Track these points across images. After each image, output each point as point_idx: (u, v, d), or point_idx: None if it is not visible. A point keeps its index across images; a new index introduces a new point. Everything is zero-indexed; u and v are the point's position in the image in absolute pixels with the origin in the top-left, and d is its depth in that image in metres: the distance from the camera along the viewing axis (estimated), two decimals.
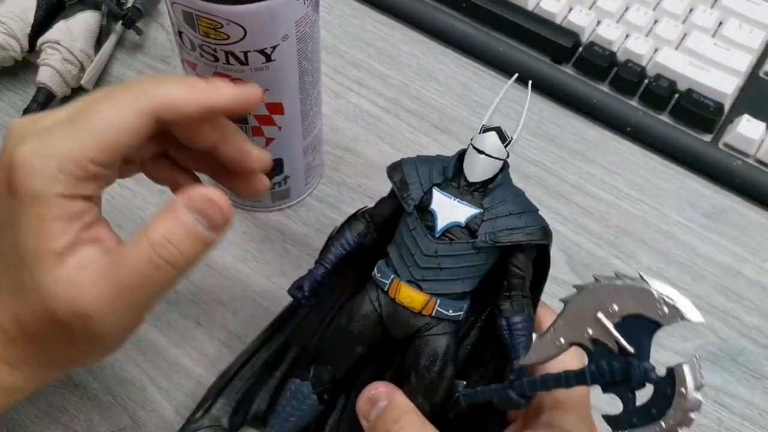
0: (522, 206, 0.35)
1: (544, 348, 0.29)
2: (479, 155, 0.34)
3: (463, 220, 0.34)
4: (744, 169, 0.52)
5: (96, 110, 0.29)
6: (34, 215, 0.29)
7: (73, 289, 0.29)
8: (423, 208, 0.34)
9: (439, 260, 0.34)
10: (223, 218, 0.29)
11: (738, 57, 0.54)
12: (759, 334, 0.47)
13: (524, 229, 0.34)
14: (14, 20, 0.51)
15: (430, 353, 0.34)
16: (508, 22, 0.57)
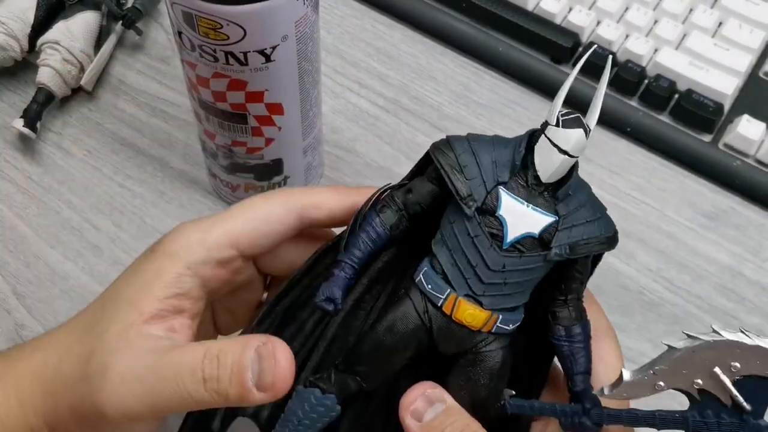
0: (596, 209, 0.31)
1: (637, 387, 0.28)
2: (560, 155, 0.29)
3: (538, 231, 0.29)
4: (744, 169, 0.52)
5: (249, 202, 0.32)
6: (152, 270, 0.30)
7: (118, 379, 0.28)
8: (486, 211, 0.29)
9: (505, 275, 0.29)
10: (272, 382, 0.27)
11: (738, 57, 0.54)
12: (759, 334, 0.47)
13: (600, 237, 0.30)
14: (14, 20, 0.51)
15: (487, 369, 0.30)
16: (508, 22, 0.56)
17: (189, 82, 0.42)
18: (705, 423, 0.27)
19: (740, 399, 0.26)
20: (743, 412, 0.26)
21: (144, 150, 0.52)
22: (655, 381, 0.28)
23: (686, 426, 0.27)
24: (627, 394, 0.28)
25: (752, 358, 0.26)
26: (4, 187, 0.50)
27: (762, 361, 0.26)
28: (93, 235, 0.49)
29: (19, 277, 0.47)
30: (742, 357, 0.26)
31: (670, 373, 0.28)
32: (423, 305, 0.29)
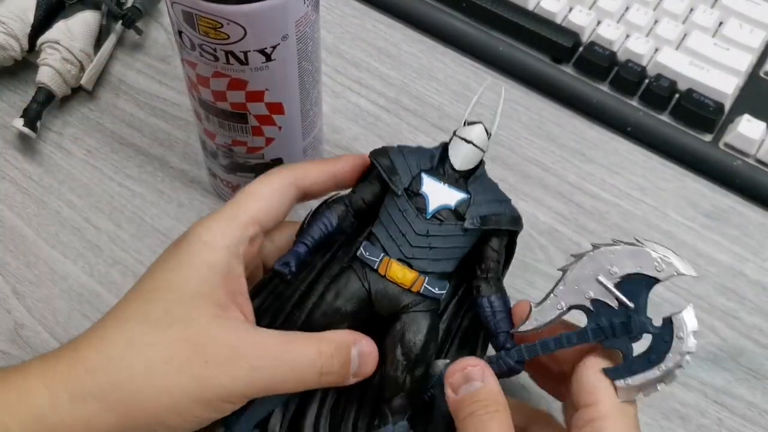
0: (502, 195, 0.38)
1: (544, 313, 0.32)
2: (467, 144, 0.37)
3: (453, 203, 0.36)
4: (744, 169, 0.52)
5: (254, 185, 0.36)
6: (203, 262, 0.33)
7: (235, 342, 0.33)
8: (412, 192, 0.36)
9: (429, 240, 0.36)
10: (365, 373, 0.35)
11: (738, 57, 0.54)
12: (759, 334, 0.47)
13: (506, 216, 0.37)
14: (14, 20, 0.51)
15: (417, 328, 0.36)
16: (508, 22, 0.56)
17: (189, 82, 0.42)
18: (601, 329, 0.31)
19: (623, 298, 0.31)
20: (629, 309, 0.31)
21: (144, 149, 0.52)
22: (557, 302, 0.32)
23: (587, 337, 0.31)
24: (537, 321, 0.33)
25: (624, 259, 0.31)
26: (4, 187, 0.50)
27: (632, 260, 0.31)
28: (93, 234, 0.49)
29: (19, 277, 0.47)
30: (617, 261, 0.31)
31: (566, 292, 0.32)
32: (363, 272, 0.36)
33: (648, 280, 0.31)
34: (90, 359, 0.32)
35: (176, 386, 0.31)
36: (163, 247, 0.48)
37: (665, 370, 0.30)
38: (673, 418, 0.44)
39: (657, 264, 0.30)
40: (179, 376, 0.31)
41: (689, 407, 0.44)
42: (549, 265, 0.48)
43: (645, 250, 0.31)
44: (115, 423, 0.31)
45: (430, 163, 0.37)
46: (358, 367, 0.34)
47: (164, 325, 0.32)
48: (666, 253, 0.31)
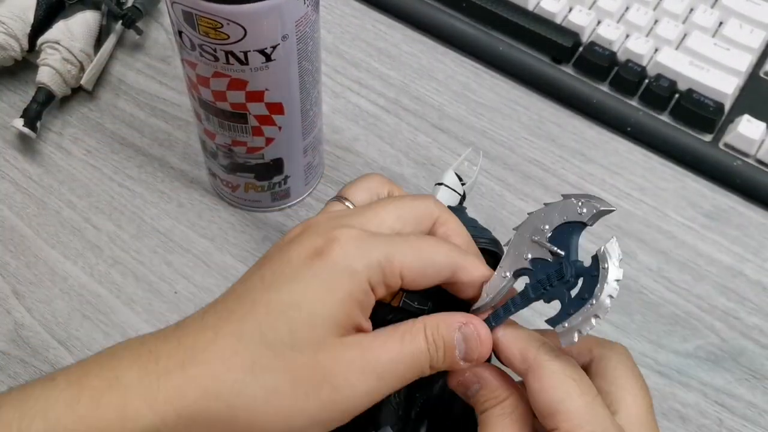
0: (478, 225, 0.40)
1: (494, 287, 0.33)
2: (440, 186, 0.41)
3: None
4: (744, 169, 0.52)
5: (422, 239, 0.34)
6: (344, 290, 0.31)
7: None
8: None
9: None
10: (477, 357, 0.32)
11: (738, 57, 0.54)
12: (760, 334, 0.47)
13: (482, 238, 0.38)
14: (14, 20, 0.51)
15: None
16: (508, 22, 0.56)
17: (189, 82, 0.42)
18: (539, 282, 0.32)
19: (553, 247, 0.32)
20: (560, 257, 0.31)
21: (144, 150, 0.52)
22: (502, 273, 0.33)
23: (528, 294, 0.32)
24: (487, 295, 0.33)
25: (552, 215, 0.32)
26: (4, 187, 0.50)
27: (559, 213, 0.32)
28: (93, 235, 0.49)
29: (19, 277, 0.47)
30: (546, 219, 0.32)
31: (508, 260, 0.33)
32: None
33: (575, 227, 0.32)
34: (204, 381, 0.29)
35: (300, 412, 0.30)
36: (163, 247, 0.48)
37: (596, 303, 0.30)
38: (673, 418, 0.44)
39: (578, 208, 0.31)
40: (305, 403, 0.30)
41: (689, 407, 0.44)
42: None
43: (568, 200, 0.32)
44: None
45: None
46: (467, 353, 0.32)
47: (289, 349, 0.30)
48: (587, 197, 0.32)
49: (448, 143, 0.53)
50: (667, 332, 0.47)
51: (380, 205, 0.34)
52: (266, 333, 0.30)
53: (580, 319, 0.30)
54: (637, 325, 0.47)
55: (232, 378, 0.29)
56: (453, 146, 0.53)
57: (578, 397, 0.30)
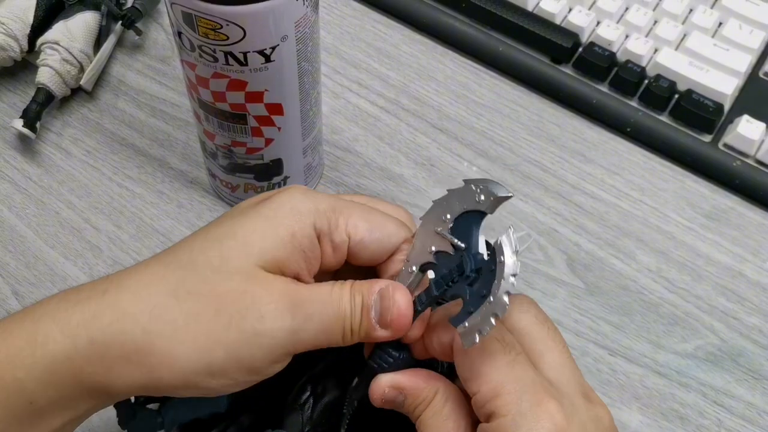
0: None
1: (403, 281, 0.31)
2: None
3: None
4: (744, 169, 0.52)
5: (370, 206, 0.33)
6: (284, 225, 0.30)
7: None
8: None
9: None
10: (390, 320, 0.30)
11: (738, 57, 0.54)
12: (759, 334, 0.47)
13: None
14: (13, 20, 0.51)
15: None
16: (508, 22, 0.56)
17: (188, 82, 0.42)
18: (442, 278, 0.30)
19: (455, 240, 0.30)
20: (460, 250, 0.30)
21: (143, 150, 0.52)
22: (409, 267, 0.31)
23: (432, 292, 0.30)
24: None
25: (453, 204, 0.30)
26: (4, 187, 0.50)
27: (459, 201, 0.30)
28: (93, 235, 0.49)
29: (19, 277, 0.47)
30: (448, 207, 0.30)
31: (414, 253, 0.31)
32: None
33: (475, 216, 0.30)
34: (121, 304, 0.28)
35: (220, 342, 0.28)
36: (162, 247, 0.48)
37: (494, 300, 0.28)
38: (672, 419, 0.44)
39: (477, 195, 0.29)
40: (226, 331, 0.28)
41: (689, 407, 0.44)
42: (549, 265, 0.48)
43: (467, 186, 0.30)
44: (139, 378, 0.28)
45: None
46: (381, 315, 0.30)
47: (219, 274, 0.29)
48: (484, 183, 0.30)
49: (448, 143, 0.53)
50: (666, 332, 0.47)
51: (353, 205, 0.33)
52: (196, 258, 0.29)
53: (479, 318, 0.28)
54: (636, 325, 0.47)
55: (153, 302, 0.28)
56: (453, 146, 0.53)
57: (500, 357, 0.29)
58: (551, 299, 0.47)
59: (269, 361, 0.29)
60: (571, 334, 0.46)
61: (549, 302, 0.47)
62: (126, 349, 0.28)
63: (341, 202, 0.32)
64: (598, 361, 0.45)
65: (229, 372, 0.29)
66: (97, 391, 0.28)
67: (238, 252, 0.29)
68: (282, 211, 0.30)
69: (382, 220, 0.32)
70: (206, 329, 0.28)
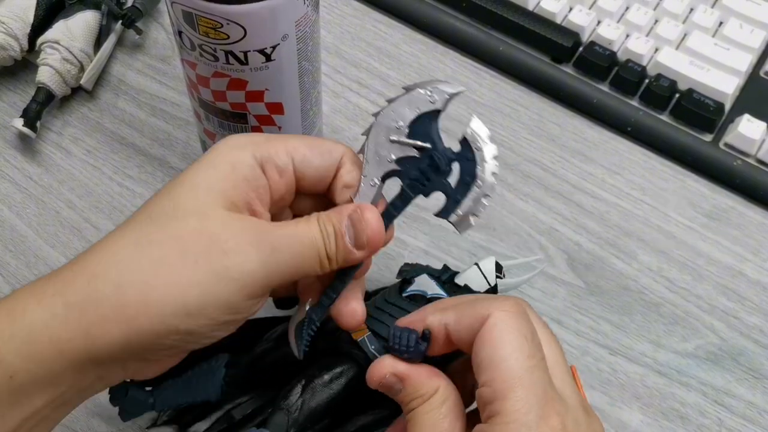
0: None
1: (365, 197, 0.32)
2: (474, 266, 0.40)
3: (429, 293, 0.38)
4: (744, 169, 0.52)
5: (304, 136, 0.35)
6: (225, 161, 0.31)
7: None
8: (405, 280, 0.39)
9: (392, 309, 0.37)
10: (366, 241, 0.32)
11: (738, 57, 0.54)
12: (760, 334, 0.47)
13: None
14: (14, 20, 0.51)
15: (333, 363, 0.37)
16: (508, 22, 0.56)
17: (189, 82, 0.42)
18: (415, 180, 0.32)
19: (418, 142, 0.32)
20: (428, 150, 0.32)
21: (144, 150, 0.52)
22: (369, 181, 0.32)
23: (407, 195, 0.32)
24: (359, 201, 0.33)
25: (403, 111, 0.32)
26: (4, 187, 0.50)
27: (409, 107, 0.31)
28: (93, 234, 0.49)
29: (20, 276, 0.47)
30: (398, 115, 0.32)
31: (372, 166, 0.32)
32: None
33: (430, 116, 0.31)
34: (90, 267, 0.29)
35: (191, 282, 0.28)
36: None
37: (483, 183, 0.30)
38: (673, 418, 0.44)
39: (429, 97, 0.31)
40: (195, 271, 0.28)
41: (689, 407, 0.44)
42: (549, 264, 0.48)
43: (414, 92, 0.31)
44: (119, 335, 0.28)
45: (438, 273, 0.40)
46: (356, 237, 0.32)
47: (173, 219, 0.29)
48: (432, 84, 0.31)
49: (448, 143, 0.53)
50: (667, 332, 0.47)
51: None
52: (151, 211, 0.30)
53: (470, 203, 0.31)
54: (637, 325, 0.47)
55: (119, 257, 0.29)
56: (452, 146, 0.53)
57: (523, 359, 0.28)
58: (552, 299, 0.47)
59: (244, 296, 0.29)
60: (572, 334, 0.46)
61: (549, 302, 0.47)
62: (101, 307, 0.28)
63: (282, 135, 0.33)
64: (599, 361, 0.45)
65: (207, 310, 0.29)
66: (79, 359, 0.28)
67: (187, 195, 0.30)
68: (220, 151, 0.31)
69: (319, 140, 0.34)
70: (175, 271, 0.28)
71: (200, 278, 0.28)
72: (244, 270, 0.29)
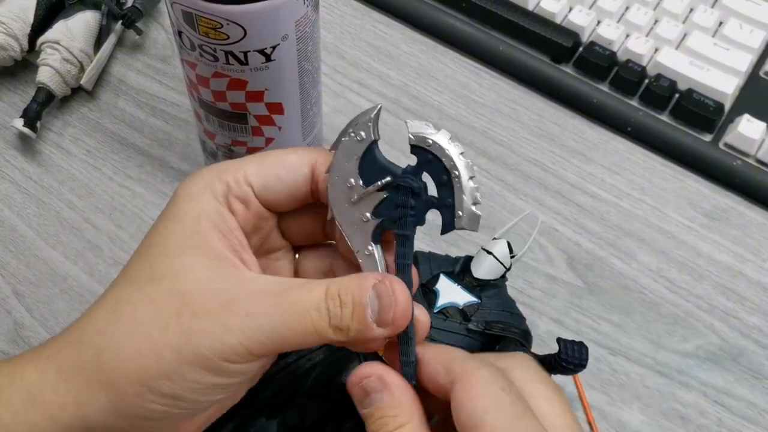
0: (516, 310, 0.40)
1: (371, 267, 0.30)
2: (488, 255, 0.40)
3: (462, 303, 0.38)
4: (744, 169, 0.52)
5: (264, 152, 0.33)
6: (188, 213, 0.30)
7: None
8: (427, 289, 0.38)
9: (432, 332, 0.35)
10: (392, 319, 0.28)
11: (738, 57, 0.54)
12: (760, 334, 0.47)
13: (515, 327, 0.38)
14: (14, 20, 0.51)
15: None
16: (508, 22, 0.56)
17: (189, 82, 0.42)
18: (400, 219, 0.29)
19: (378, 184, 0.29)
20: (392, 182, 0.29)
21: (144, 150, 0.52)
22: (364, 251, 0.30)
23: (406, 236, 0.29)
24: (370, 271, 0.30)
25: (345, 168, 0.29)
26: (4, 187, 0.50)
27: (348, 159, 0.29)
28: (93, 235, 0.49)
29: (19, 277, 0.47)
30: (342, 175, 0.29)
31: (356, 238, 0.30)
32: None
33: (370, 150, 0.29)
34: (76, 333, 0.29)
35: (164, 346, 0.27)
36: None
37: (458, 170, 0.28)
38: (673, 418, 0.44)
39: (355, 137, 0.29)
40: (166, 334, 0.27)
41: (689, 407, 0.44)
42: (549, 265, 0.48)
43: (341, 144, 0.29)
44: (105, 400, 0.28)
45: (452, 268, 0.39)
46: (379, 312, 0.28)
47: (149, 282, 0.29)
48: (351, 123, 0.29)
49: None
50: (667, 332, 0.47)
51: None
52: (130, 273, 0.30)
53: (463, 196, 0.28)
54: (637, 325, 0.47)
55: (98, 322, 0.29)
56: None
57: (507, 408, 0.27)
58: (551, 299, 0.47)
59: (220, 359, 0.28)
60: (572, 334, 0.46)
61: (549, 302, 0.47)
62: (87, 372, 0.28)
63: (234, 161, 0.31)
64: (599, 361, 0.45)
65: (185, 373, 0.28)
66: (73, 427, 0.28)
67: (159, 256, 0.29)
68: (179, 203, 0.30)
69: (281, 155, 0.31)
70: (149, 334, 0.28)
71: (172, 341, 0.28)
72: (214, 333, 0.27)
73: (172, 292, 0.28)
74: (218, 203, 0.30)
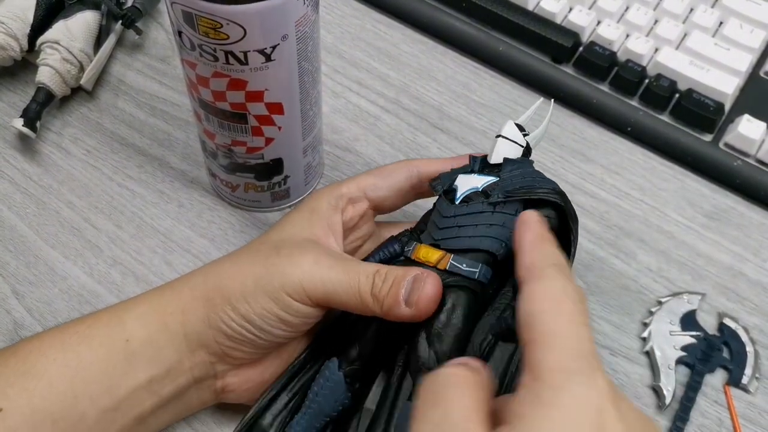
0: (541, 176, 0.37)
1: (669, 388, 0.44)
2: (498, 138, 0.39)
3: (481, 185, 0.37)
4: (744, 169, 0.52)
5: (380, 169, 0.42)
6: (306, 208, 0.41)
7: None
8: (448, 190, 0.38)
9: (456, 220, 0.36)
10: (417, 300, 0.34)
11: (738, 57, 0.54)
12: (760, 334, 0.47)
13: (540, 187, 0.36)
14: (14, 20, 0.51)
15: (450, 301, 0.35)
16: (508, 22, 0.56)
17: (189, 82, 0.42)
18: (701, 359, 0.44)
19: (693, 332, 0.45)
20: (699, 337, 0.45)
21: (144, 150, 0.52)
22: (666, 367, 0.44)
23: (697, 371, 0.44)
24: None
25: (669, 315, 0.47)
26: (4, 187, 0.50)
27: (674, 312, 0.46)
28: (93, 235, 0.49)
29: (19, 277, 0.47)
30: (669, 317, 0.46)
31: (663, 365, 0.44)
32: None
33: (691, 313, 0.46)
34: (199, 270, 0.39)
35: (249, 274, 0.36)
36: (162, 247, 0.48)
37: (753, 350, 0.45)
38: None
39: (687, 300, 0.46)
40: (254, 267, 0.37)
41: None
42: None
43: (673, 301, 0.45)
44: (202, 311, 0.36)
45: (471, 168, 0.39)
46: (409, 293, 0.34)
47: (261, 242, 0.39)
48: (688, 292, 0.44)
49: (448, 143, 0.53)
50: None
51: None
52: (264, 239, 0.40)
53: (750, 370, 0.44)
54: (637, 325, 0.47)
55: (215, 262, 0.39)
56: (452, 146, 0.53)
57: (567, 320, 0.27)
58: None
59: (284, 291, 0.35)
60: None
61: None
62: (194, 290, 0.37)
63: (352, 177, 0.42)
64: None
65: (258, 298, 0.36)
66: (176, 335, 0.36)
67: (276, 229, 0.40)
68: (306, 200, 0.42)
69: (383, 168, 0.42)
70: (243, 267, 0.37)
71: (256, 271, 0.36)
72: (285, 270, 0.36)
73: (273, 244, 0.38)
74: (330, 205, 0.40)
